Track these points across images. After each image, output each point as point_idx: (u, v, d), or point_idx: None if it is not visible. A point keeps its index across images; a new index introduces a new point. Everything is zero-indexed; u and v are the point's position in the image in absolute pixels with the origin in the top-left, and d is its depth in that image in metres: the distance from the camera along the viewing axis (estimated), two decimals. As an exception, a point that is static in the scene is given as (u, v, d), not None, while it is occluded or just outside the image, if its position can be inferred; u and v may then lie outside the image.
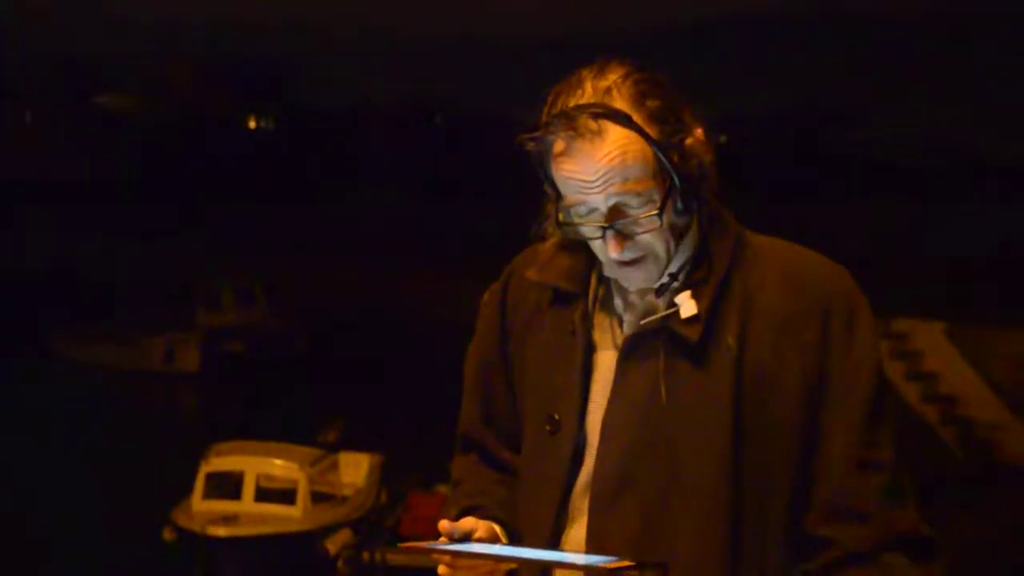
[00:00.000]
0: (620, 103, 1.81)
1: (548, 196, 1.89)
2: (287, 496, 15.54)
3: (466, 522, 1.88)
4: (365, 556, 15.75)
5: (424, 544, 1.83)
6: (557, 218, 1.87)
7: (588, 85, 1.83)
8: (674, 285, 1.87)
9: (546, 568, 1.90)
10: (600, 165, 1.80)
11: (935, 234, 40.19)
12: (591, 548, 1.85)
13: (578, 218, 1.86)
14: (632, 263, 1.85)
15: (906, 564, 1.83)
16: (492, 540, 1.91)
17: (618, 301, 1.92)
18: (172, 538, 15.33)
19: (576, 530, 1.89)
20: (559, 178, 1.85)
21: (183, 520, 15.22)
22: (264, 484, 15.67)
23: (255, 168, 61.86)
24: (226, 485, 15.63)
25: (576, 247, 1.93)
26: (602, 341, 1.92)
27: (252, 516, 15.24)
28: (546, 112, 1.84)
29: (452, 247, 40.27)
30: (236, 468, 15.68)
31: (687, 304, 1.85)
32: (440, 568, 1.83)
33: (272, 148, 68.95)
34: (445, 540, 1.84)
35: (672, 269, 1.88)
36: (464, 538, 1.86)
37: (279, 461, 15.86)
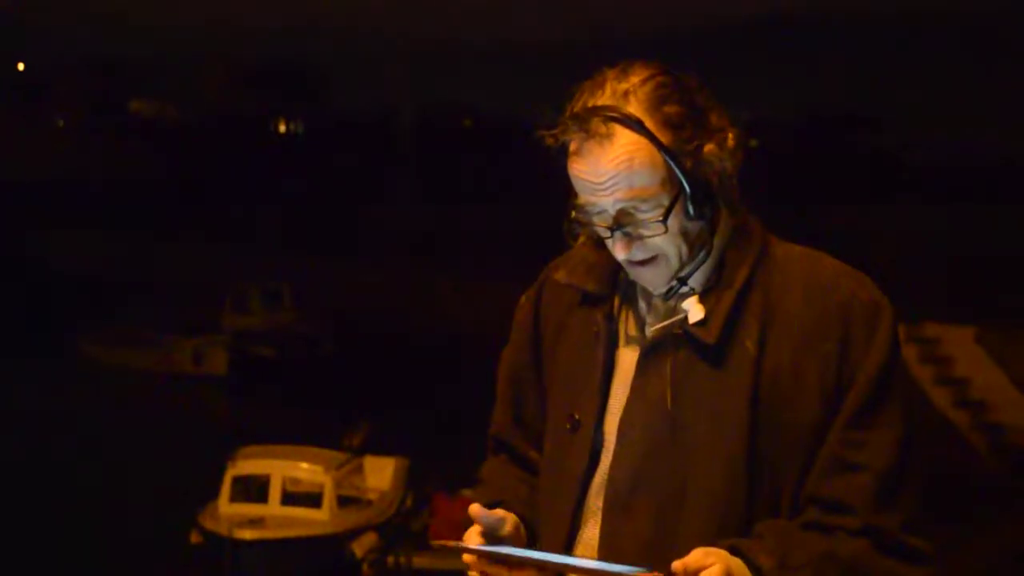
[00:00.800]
0: (635, 107, 1.81)
1: (569, 192, 1.92)
2: (313, 499, 15.57)
3: (497, 511, 1.92)
4: (390, 560, 15.77)
5: (456, 543, 1.86)
6: (571, 215, 1.90)
7: (609, 86, 1.84)
8: (683, 289, 1.88)
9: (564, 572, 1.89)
10: (607, 169, 1.82)
11: (965, 236, 39.97)
12: (604, 549, 1.87)
13: (589, 217, 1.88)
14: (643, 263, 1.87)
15: (884, 557, 1.80)
16: (517, 534, 1.94)
17: (642, 304, 1.94)
18: (199, 541, 15.38)
19: (589, 530, 1.91)
20: (572, 176, 1.87)
21: (210, 523, 15.26)
22: (290, 487, 15.71)
23: (284, 171, 62.10)
24: (252, 488, 15.68)
25: (603, 249, 1.95)
26: (625, 342, 1.94)
27: (278, 519, 15.27)
28: (568, 110, 1.86)
29: (478, 251, 40.30)
30: (262, 471, 15.72)
31: (695, 308, 1.86)
32: (471, 573, 1.85)
33: (301, 151, 69.27)
34: (476, 537, 1.88)
35: (683, 273, 1.88)
36: (494, 530, 1.90)
37: (305, 464, 15.89)
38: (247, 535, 14.92)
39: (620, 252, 1.85)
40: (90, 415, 23.27)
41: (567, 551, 1.90)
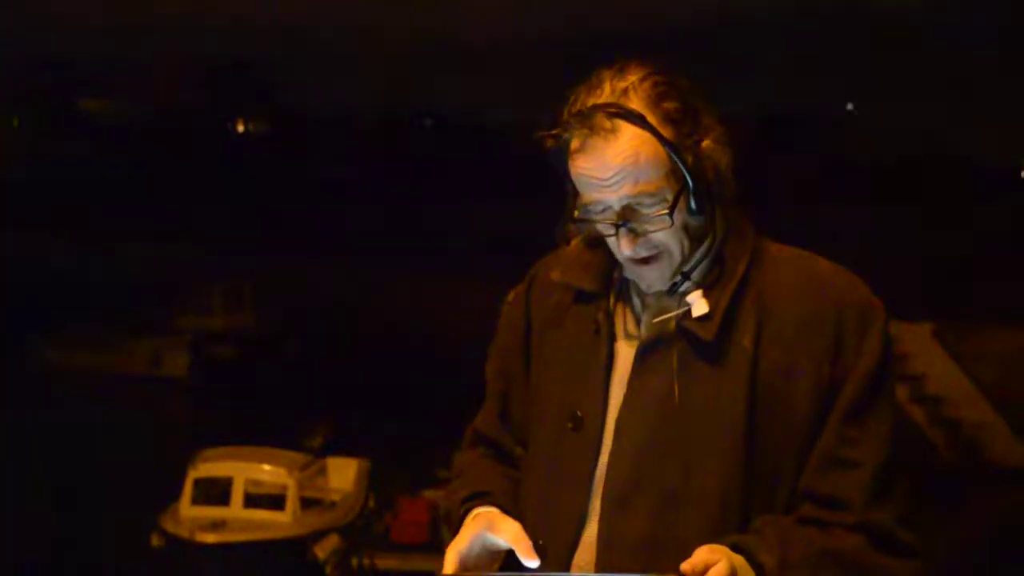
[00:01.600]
0: (636, 104, 1.83)
1: (568, 193, 1.92)
2: (276, 502, 15.50)
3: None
4: (353, 561, 15.74)
5: (469, 574, 1.87)
6: (573, 215, 1.91)
7: (607, 85, 1.86)
8: (686, 284, 1.90)
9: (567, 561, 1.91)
10: (613, 164, 1.83)
11: (922, 234, 40.27)
12: (602, 547, 1.88)
13: (593, 215, 1.89)
14: (646, 261, 1.88)
15: (878, 553, 1.83)
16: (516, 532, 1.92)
17: (637, 301, 1.96)
18: (160, 544, 15.27)
19: (588, 529, 1.91)
20: (575, 175, 1.88)
21: (171, 526, 15.15)
22: (252, 490, 15.63)
23: (244, 171, 61.78)
24: (214, 491, 15.58)
25: (597, 247, 1.97)
26: (622, 340, 1.95)
27: (241, 522, 15.19)
28: (566, 110, 1.87)
29: (441, 252, 40.25)
30: (224, 474, 15.62)
31: (699, 303, 1.88)
32: None
33: (261, 150, 68.91)
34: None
35: (686, 269, 1.90)
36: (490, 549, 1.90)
37: (268, 466, 15.83)
38: (209, 538, 14.83)
39: (625, 248, 1.86)
40: (48, 419, 23.07)
41: (572, 550, 1.91)
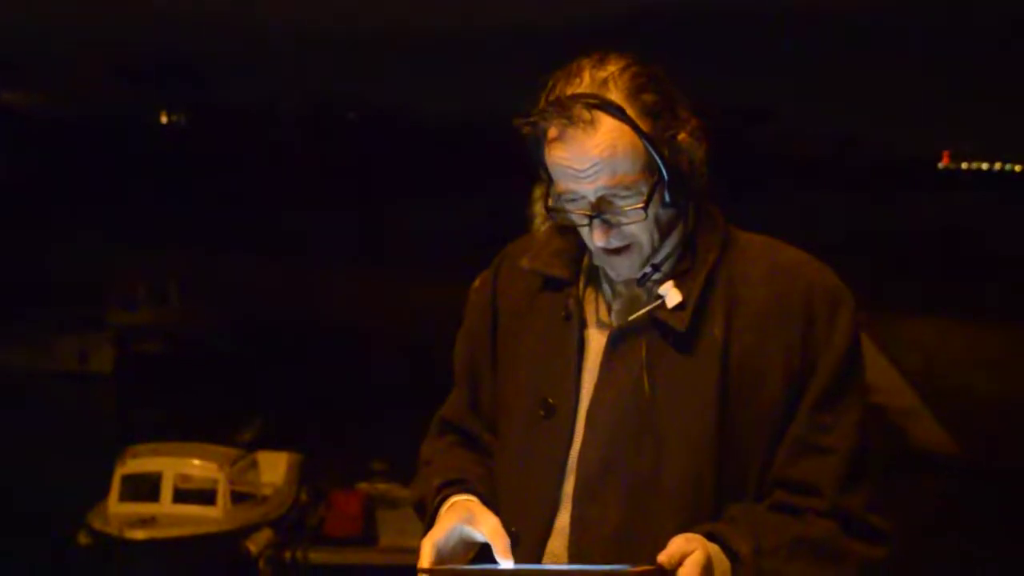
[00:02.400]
0: (615, 95, 1.83)
1: (540, 180, 1.92)
2: (206, 496, 15.38)
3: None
4: (287, 555, 15.65)
5: (444, 567, 1.85)
6: (547, 203, 1.90)
7: (587, 74, 1.85)
8: (656, 276, 1.90)
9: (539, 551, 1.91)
10: (591, 155, 1.82)
11: (851, 225, 40.81)
12: (575, 535, 1.88)
13: (567, 204, 1.88)
14: (617, 251, 1.88)
15: (849, 538, 1.85)
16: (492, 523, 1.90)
17: (607, 287, 1.95)
18: (88, 542, 15.08)
19: (561, 516, 1.91)
20: (551, 164, 1.87)
21: (99, 523, 14.98)
22: (182, 485, 15.49)
23: (169, 164, 61.14)
24: (143, 487, 15.42)
25: (567, 234, 1.96)
26: (593, 327, 1.95)
27: (171, 518, 15.06)
28: (543, 98, 1.86)
29: (372, 247, 40.14)
30: (153, 469, 15.48)
31: (672, 293, 1.89)
32: None
33: (185, 143, 68.22)
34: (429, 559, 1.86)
35: (656, 260, 1.91)
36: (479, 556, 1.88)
37: (197, 461, 15.70)
38: (138, 535, 14.69)
39: (598, 239, 1.86)
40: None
41: (546, 538, 1.91)
